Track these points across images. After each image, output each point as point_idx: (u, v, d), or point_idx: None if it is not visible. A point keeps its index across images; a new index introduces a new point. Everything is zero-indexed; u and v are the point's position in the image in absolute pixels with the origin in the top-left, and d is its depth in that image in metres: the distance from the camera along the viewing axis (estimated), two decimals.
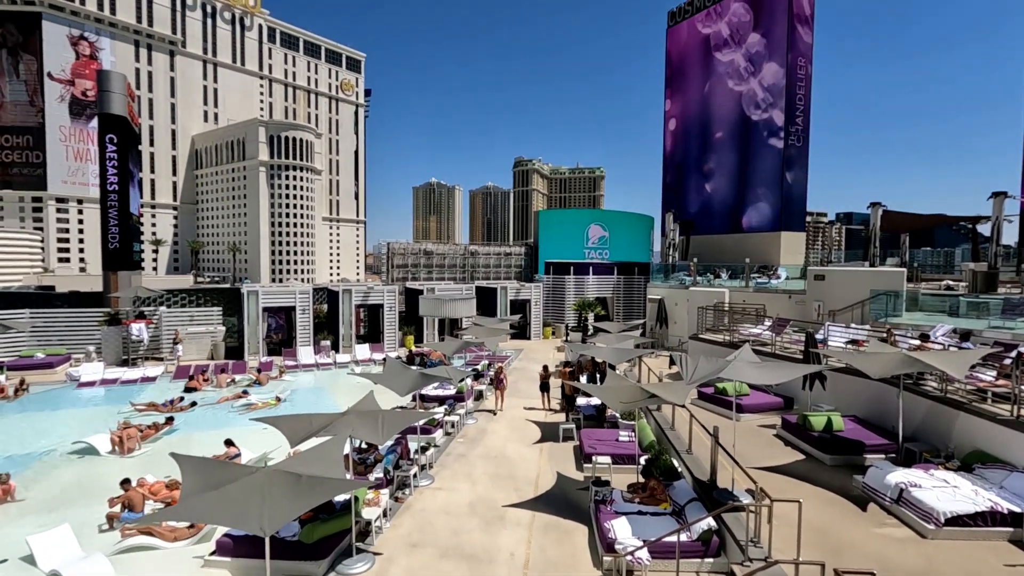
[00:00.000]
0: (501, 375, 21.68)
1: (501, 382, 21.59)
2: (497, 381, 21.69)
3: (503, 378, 21.70)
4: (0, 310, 30.92)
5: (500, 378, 21.63)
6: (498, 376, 21.71)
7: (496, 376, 21.85)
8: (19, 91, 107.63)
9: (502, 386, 21.61)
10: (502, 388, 21.62)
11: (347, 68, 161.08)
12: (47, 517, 12.45)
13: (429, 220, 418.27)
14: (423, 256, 54.69)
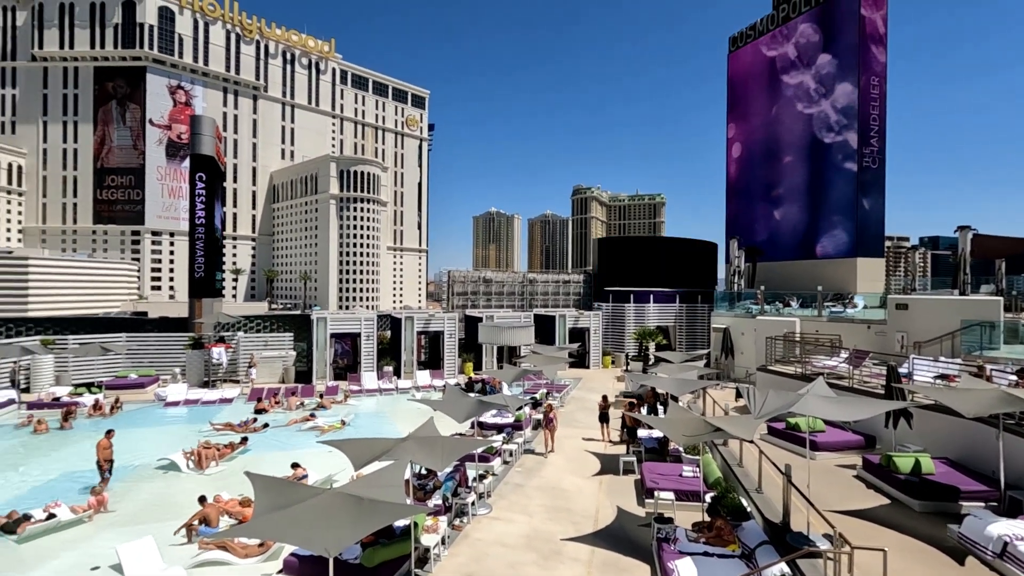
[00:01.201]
0: (551, 414, 19.65)
1: (551, 422, 19.61)
2: (546, 421, 19.66)
3: (553, 418, 19.68)
4: (101, 334, 33.94)
5: (550, 418, 19.62)
6: (547, 416, 19.68)
7: (545, 416, 19.80)
8: (124, 136, 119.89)
9: (552, 426, 19.59)
10: (552, 428, 19.59)
11: (412, 105, 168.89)
12: (133, 529, 13.33)
13: (488, 248, 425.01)
14: (482, 284, 55.52)
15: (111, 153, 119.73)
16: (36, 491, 16.19)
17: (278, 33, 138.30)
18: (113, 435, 17.27)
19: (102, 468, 16.25)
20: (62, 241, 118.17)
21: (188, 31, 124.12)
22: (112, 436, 17.13)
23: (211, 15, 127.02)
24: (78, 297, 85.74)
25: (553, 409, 19.98)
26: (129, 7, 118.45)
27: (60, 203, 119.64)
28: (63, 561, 11.93)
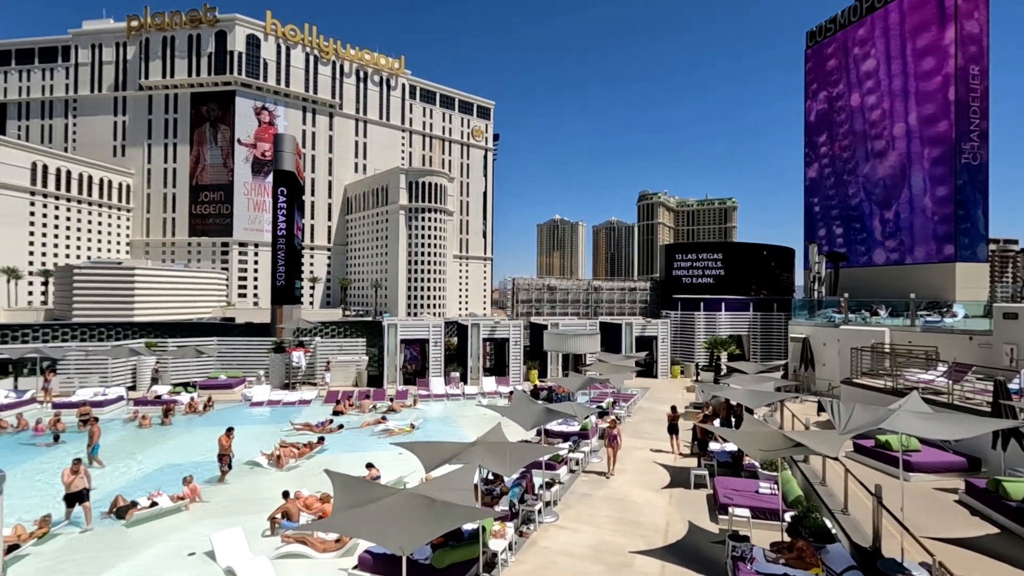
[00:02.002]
0: (614, 430, 17.99)
1: (614, 439, 17.88)
2: (609, 439, 17.91)
3: (616, 434, 17.95)
4: (195, 337, 36.84)
5: (613, 434, 17.88)
6: (610, 432, 18.00)
7: (608, 432, 18.14)
8: (216, 155, 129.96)
9: (615, 444, 17.89)
10: (615, 447, 17.90)
11: (477, 116, 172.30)
12: (223, 520, 14.33)
13: (552, 256, 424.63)
14: (547, 292, 55.49)
15: (204, 171, 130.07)
16: (141, 480, 17.77)
17: (352, 53, 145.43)
18: (233, 433, 18.59)
19: (223, 462, 17.65)
20: (162, 253, 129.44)
21: (272, 56, 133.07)
22: (232, 433, 18.44)
23: (292, 40, 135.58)
24: (176, 304, 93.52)
25: (616, 425, 18.40)
26: (221, 36, 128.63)
27: (161, 218, 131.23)
28: (163, 546, 13.02)
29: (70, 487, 13.69)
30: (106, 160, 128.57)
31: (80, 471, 13.95)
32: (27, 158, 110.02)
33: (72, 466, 14.00)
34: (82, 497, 13.81)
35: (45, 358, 31.41)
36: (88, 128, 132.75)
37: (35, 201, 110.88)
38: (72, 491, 13.69)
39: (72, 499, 13.77)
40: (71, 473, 13.82)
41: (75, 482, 13.72)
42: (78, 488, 13.72)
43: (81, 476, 13.89)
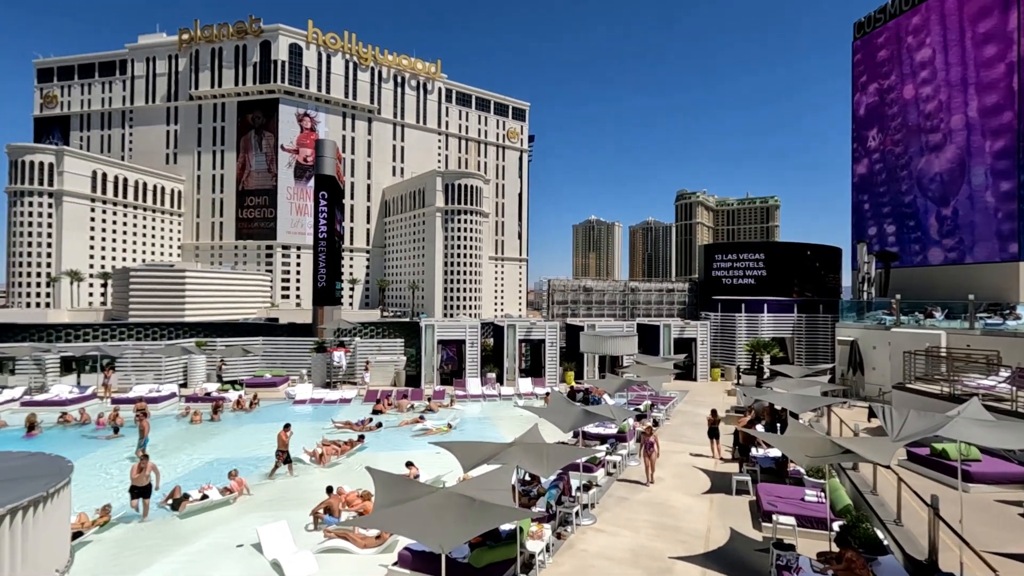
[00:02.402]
0: (651, 438, 17.07)
1: (651, 447, 16.99)
2: (646, 447, 17.07)
3: (653, 442, 17.05)
4: (242, 337, 38.19)
5: (650, 442, 17.00)
6: (647, 440, 17.10)
7: (645, 440, 17.18)
8: (261, 161, 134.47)
9: (652, 453, 17.02)
10: (652, 455, 17.03)
11: (512, 118, 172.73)
12: (269, 513, 14.81)
13: (588, 257, 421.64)
14: (582, 293, 55.14)
15: (250, 177, 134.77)
16: (192, 474, 18.53)
17: (390, 59, 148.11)
18: (290, 429, 19.16)
19: (280, 457, 18.28)
20: (211, 255, 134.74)
21: (313, 64, 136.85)
22: (289, 429, 19.02)
23: (333, 47, 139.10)
24: (223, 304, 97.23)
25: (653, 432, 17.40)
26: (265, 46, 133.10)
27: (209, 222, 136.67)
28: (213, 537, 13.55)
29: (136, 482, 14.43)
30: (159, 167, 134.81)
31: (146, 468, 14.64)
32: (88, 167, 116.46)
33: (140, 463, 14.73)
34: (145, 492, 14.53)
35: (105, 356, 33.18)
36: (143, 137, 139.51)
37: (95, 207, 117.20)
38: (137, 486, 14.45)
39: (136, 492, 14.50)
40: (138, 470, 14.53)
41: (140, 478, 14.43)
42: (143, 484, 14.46)
43: (147, 473, 14.57)
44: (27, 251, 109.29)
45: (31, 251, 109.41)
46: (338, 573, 11.61)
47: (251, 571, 11.74)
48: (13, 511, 3.50)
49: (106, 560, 12.22)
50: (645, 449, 17.17)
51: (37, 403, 27.81)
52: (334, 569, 11.76)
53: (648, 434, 17.26)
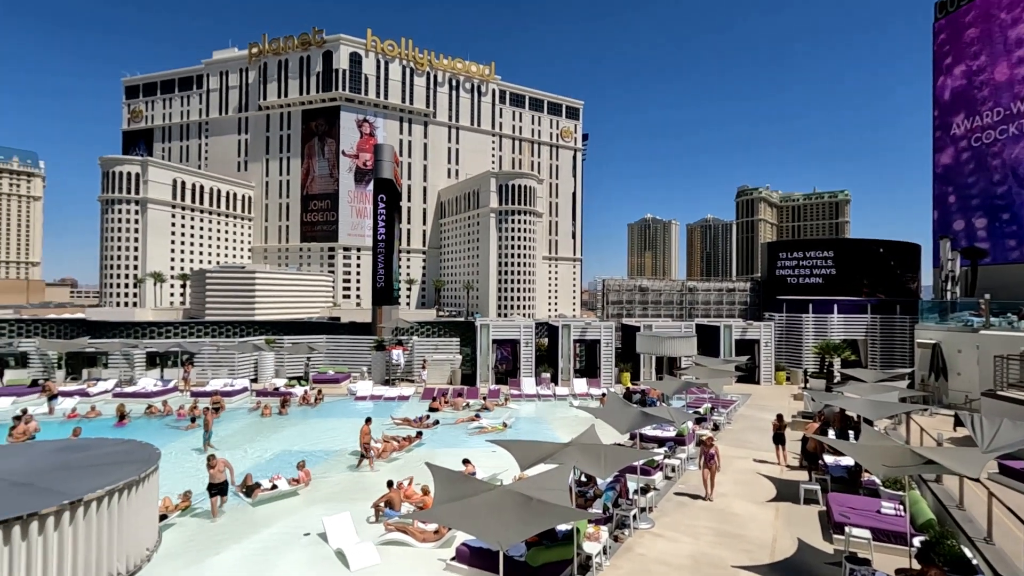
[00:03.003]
0: (710, 449, 15.79)
1: (711, 459, 15.70)
2: (706, 459, 15.80)
3: (713, 454, 15.75)
4: (307, 335, 39.93)
5: (710, 454, 15.73)
6: (706, 451, 15.84)
7: (703, 451, 15.98)
8: (323, 167, 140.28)
9: (712, 465, 15.73)
10: (712, 469, 15.76)
11: (566, 116, 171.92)
12: (332, 505, 15.42)
13: (644, 256, 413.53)
14: (638, 293, 54.14)
15: (313, 182, 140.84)
16: (263, 464, 19.54)
17: (445, 63, 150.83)
18: (371, 423, 19.90)
19: (365, 450, 19.02)
20: (278, 257, 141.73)
21: (372, 71, 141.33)
22: (371, 423, 19.76)
23: (390, 54, 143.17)
24: (289, 304, 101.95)
25: (713, 443, 16.13)
26: (327, 56, 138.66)
27: (276, 225, 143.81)
28: (282, 525, 14.25)
29: (213, 479, 14.78)
30: (231, 175, 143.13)
31: (218, 465, 14.85)
32: (169, 176, 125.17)
33: (209, 463, 14.97)
34: (222, 490, 14.89)
35: (185, 352, 35.55)
36: (217, 147, 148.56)
37: (175, 213, 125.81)
38: (214, 483, 14.79)
39: (213, 490, 14.80)
40: (213, 468, 14.83)
41: (216, 475, 14.77)
42: (219, 481, 14.80)
43: (221, 470, 14.84)
44: (117, 255, 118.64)
45: (120, 255, 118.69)
46: (398, 565, 11.93)
47: (317, 559, 12.27)
48: (111, 492, 3.83)
49: (186, 542, 13.10)
50: (705, 461, 15.88)
51: (126, 394, 30.16)
52: (394, 561, 12.10)
53: (708, 445, 15.96)
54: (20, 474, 4.24)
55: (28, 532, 3.45)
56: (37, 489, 4.02)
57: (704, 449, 15.92)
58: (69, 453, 5.14)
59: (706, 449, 15.87)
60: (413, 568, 11.81)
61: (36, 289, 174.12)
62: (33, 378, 33.64)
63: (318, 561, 12.18)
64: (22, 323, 40.13)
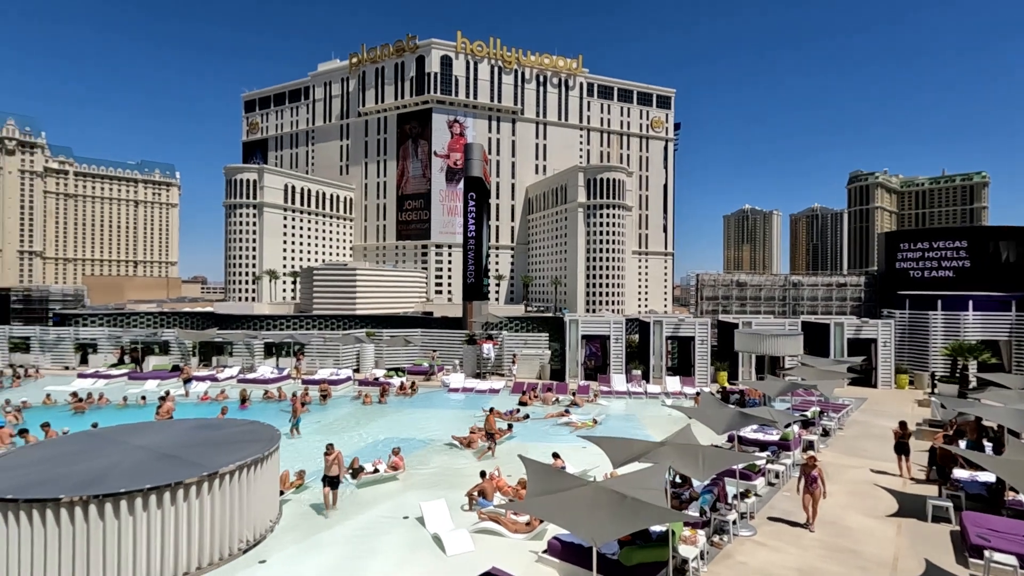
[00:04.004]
0: (814, 470, 13.33)
1: (814, 483, 13.26)
2: (807, 480, 13.38)
3: (817, 476, 13.32)
4: (403, 329, 41.90)
5: (812, 476, 13.29)
6: (808, 472, 13.42)
7: (805, 472, 13.52)
8: (417, 168, 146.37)
9: (815, 490, 13.27)
10: (815, 495, 13.30)
11: (657, 106, 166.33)
12: (428, 491, 16.08)
13: (742, 249, 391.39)
14: (735, 288, 51.41)
15: (408, 182, 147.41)
16: (365, 449, 20.76)
17: (532, 59, 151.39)
18: (496, 412, 20.78)
19: (492, 439, 20.05)
20: (376, 255, 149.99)
21: (462, 72, 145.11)
22: (496, 413, 20.64)
23: (479, 54, 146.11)
24: (386, 299, 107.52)
25: (817, 463, 13.63)
26: (420, 61, 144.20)
27: (375, 225, 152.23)
28: (383, 507, 15.08)
29: (328, 470, 14.61)
30: (334, 178, 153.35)
31: (332, 456, 14.63)
32: (281, 181, 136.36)
33: (326, 450, 14.87)
34: (334, 483, 14.68)
35: (296, 343, 38.65)
36: (322, 153, 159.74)
37: (286, 215, 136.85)
38: (328, 474, 14.61)
39: (327, 481, 14.62)
40: (324, 456, 14.76)
41: (332, 467, 14.56)
42: (334, 473, 14.60)
43: (333, 461, 14.61)
44: (239, 254, 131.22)
45: (241, 254, 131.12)
46: (491, 553, 12.20)
47: (415, 541, 12.87)
48: (241, 466, 4.26)
49: (300, 518, 14.22)
50: (805, 484, 13.42)
51: (248, 380, 33.33)
52: (487, 549, 12.40)
53: (810, 465, 13.46)
54: (167, 447, 4.83)
55: (176, 497, 3.89)
56: (182, 461, 4.51)
57: (805, 470, 13.61)
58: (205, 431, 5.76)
59: (807, 470, 13.49)
60: (505, 557, 12.02)
61: (174, 286, 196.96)
62: (173, 363, 38.13)
63: (417, 543, 12.77)
64: (163, 316, 45.67)
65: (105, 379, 33.39)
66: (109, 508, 3.65)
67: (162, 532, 3.81)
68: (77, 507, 3.59)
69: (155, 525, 3.82)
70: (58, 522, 3.58)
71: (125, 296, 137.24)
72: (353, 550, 12.59)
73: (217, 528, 3.98)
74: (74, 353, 40.12)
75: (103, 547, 3.66)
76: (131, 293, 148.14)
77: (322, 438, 22.19)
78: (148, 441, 4.74)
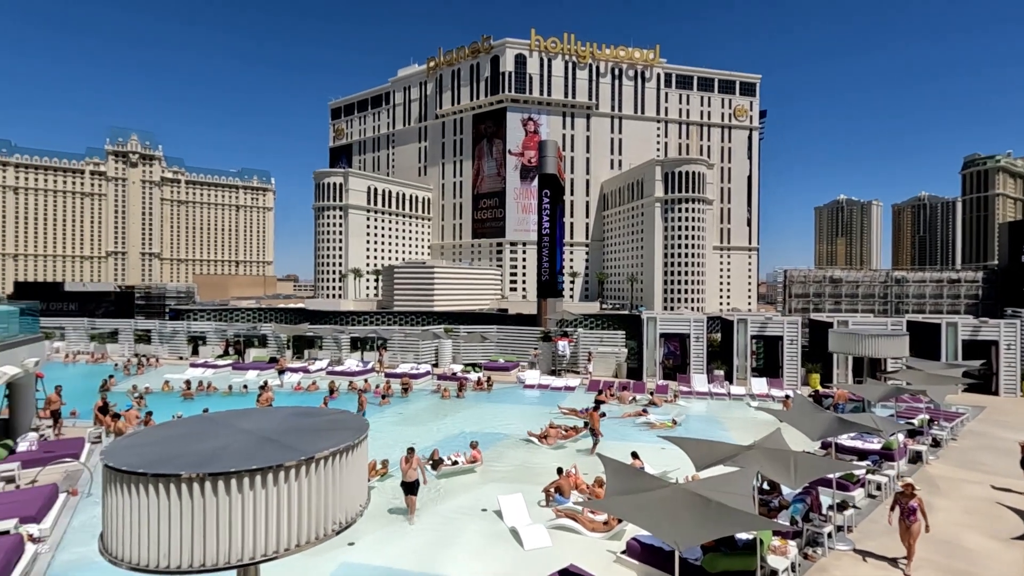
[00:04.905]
0: (912, 500, 11.21)
1: (912, 515, 11.07)
2: (903, 512, 11.19)
3: (916, 507, 11.11)
4: (479, 325, 42.68)
5: (911, 507, 11.13)
6: (904, 503, 11.22)
7: (902, 503, 11.30)
8: (491, 167, 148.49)
9: (913, 523, 11.07)
10: (913, 528, 11.07)
11: (740, 94, 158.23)
12: (505, 485, 16.27)
13: (836, 243, 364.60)
14: (829, 284, 48.09)
15: (483, 181, 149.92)
16: (444, 441, 21.35)
17: (607, 52, 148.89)
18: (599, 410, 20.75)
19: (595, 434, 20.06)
20: (452, 253, 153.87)
21: (536, 70, 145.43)
22: (598, 410, 20.63)
23: (553, 51, 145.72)
24: (462, 296, 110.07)
25: (915, 494, 11.40)
26: (495, 61, 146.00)
27: (451, 224, 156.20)
28: (462, 499, 15.45)
29: (406, 476, 14.05)
30: (413, 179, 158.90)
31: (413, 462, 14.16)
32: (364, 184, 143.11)
33: (406, 455, 14.36)
34: (413, 489, 14.04)
35: (379, 338, 40.45)
36: (402, 155, 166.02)
37: (369, 216, 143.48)
38: (407, 480, 14.04)
39: (406, 488, 14.06)
40: (405, 463, 14.22)
41: (409, 472, 14.04)
42: (412, 479, 14.04)
43: (414, 467, 14.11)
44: (327, 254, 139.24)
45: (329, 254, 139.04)
46: (568, 551, 12.16)
47: (493, 533, 13.09)
48: (334, 452, 4.54)
49: (382, 506, 14.87)
50: (901, 515, 11.26)
51: (336, 372, 35.28)
52: (564, 546, 12.37)
53: (908, 495, 11.32)
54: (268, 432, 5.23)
55: (278, 479, 4.20)
56: (281, 445, 4.87)
57: (901, 500, 11.33)
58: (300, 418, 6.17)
59: (903, 500, 11.27)
60: (583, 555, 11.93)
61: (270, 284, 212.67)
62: (271, 355, 41.10)
63: (495, 536, 12.98)
64: (261, 311, 49.42)
65: (213, 368, 36.60)
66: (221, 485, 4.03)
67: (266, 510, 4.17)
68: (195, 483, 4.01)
69: (260, 503, 4.18)
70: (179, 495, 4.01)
71: (228, 293, 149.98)
72: (434, 538, 13.01)
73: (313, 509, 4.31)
74: (187, 344, 44.28)
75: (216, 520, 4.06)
76: (233, 290, 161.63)
77: (404, 429, 23.21)
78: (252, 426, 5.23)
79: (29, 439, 19.13)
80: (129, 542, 4.16)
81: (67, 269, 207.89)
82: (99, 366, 39.22)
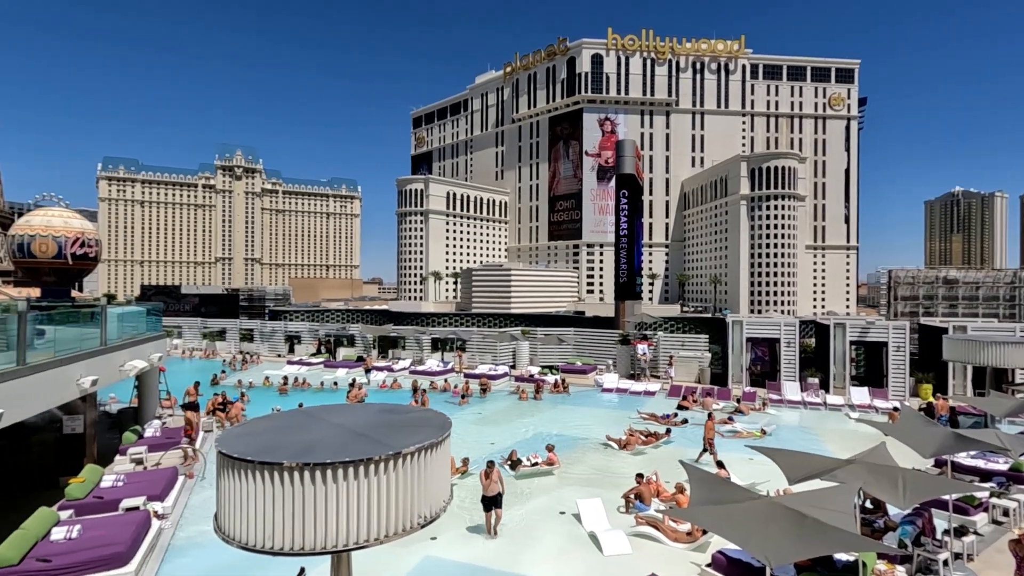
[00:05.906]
0: None
1: None
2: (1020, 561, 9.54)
3: None
4: (556, 327, 42.61)
5: None
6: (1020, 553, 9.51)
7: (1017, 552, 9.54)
8: (568, 168, 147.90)
9: None
10: None
11: (836, 81, 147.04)
12: (583, 489, 16.14)
13: (950, 240, 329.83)
14: (942, 286, 43.64)
15: (559, 183, 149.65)
16: (522, 443, 21.48)
17: (687, 47, 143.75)
18: (715, 419, 19.85)
19: (710, 446, 18.47)
20: (529, 256, 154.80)
21: (612, 69, 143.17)
22: (714, 419, 19.62)
23: (631, 49, 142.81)
24: (539, 298, 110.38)
25: None
26: (571, 62, 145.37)
27: (527, 227, 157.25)
28: (540, 500, 15.49)
29: (487, 490, 13.31)
30: (491, 184, 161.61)
31: (494, 476, 13.42)
32: (443, 189, 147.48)
33: (486, 469, 13.65)
34: (496, 502, 13.34)
35: (459, 339, 41.46)
36: (480, 160, 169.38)
37: (448, 221, 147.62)
38: (488, 495, 13.30)
39: (487, 503, 13.33)
40: (485, 477, 13.46)
41: (490, 487, 13.29)
42: (493, 493, 13.28)
43: (495, 481, 13.35)
44: (409, 257, 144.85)
45: (411, 257, 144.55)
46: (649, 559, 11.85)
47: (572, 537, 13.02)
48: (420, 448, 4.73)
49: (463, 502, 15.20)
50: (1017, 566, 9.60)
51: (418, 372, 36.58)
52: (645, 554, 12.08)
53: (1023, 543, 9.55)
54: (359, 427, 5.54)
55: (368, 472, 4.43)
56: (371, 440, 5.13)
57: (1017, 548, 9.56)
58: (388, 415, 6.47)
59: (1019, 549, 9.52)
60: (665, 565, 11.59)
61: (357, 286, 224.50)
62: (358, 355, 43.33)
63: (574, 539, 12.91)
64: (349, 312, 52.20)
65: (307, 366, 39.16)
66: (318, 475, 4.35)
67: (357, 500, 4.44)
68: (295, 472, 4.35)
69: (352, 494, 4.45)
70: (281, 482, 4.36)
71: (319, 295, 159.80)
72: (513, 539, 13.13)
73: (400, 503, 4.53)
74: (284, 343, 47.69)
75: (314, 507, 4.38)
76: (324, 293, 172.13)
77: (483, 428, 23.63)
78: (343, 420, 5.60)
79: (154, 426, 21.39)
80: (240, 523, 4.57)
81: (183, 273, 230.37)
82: (210, 361, 43.21)
